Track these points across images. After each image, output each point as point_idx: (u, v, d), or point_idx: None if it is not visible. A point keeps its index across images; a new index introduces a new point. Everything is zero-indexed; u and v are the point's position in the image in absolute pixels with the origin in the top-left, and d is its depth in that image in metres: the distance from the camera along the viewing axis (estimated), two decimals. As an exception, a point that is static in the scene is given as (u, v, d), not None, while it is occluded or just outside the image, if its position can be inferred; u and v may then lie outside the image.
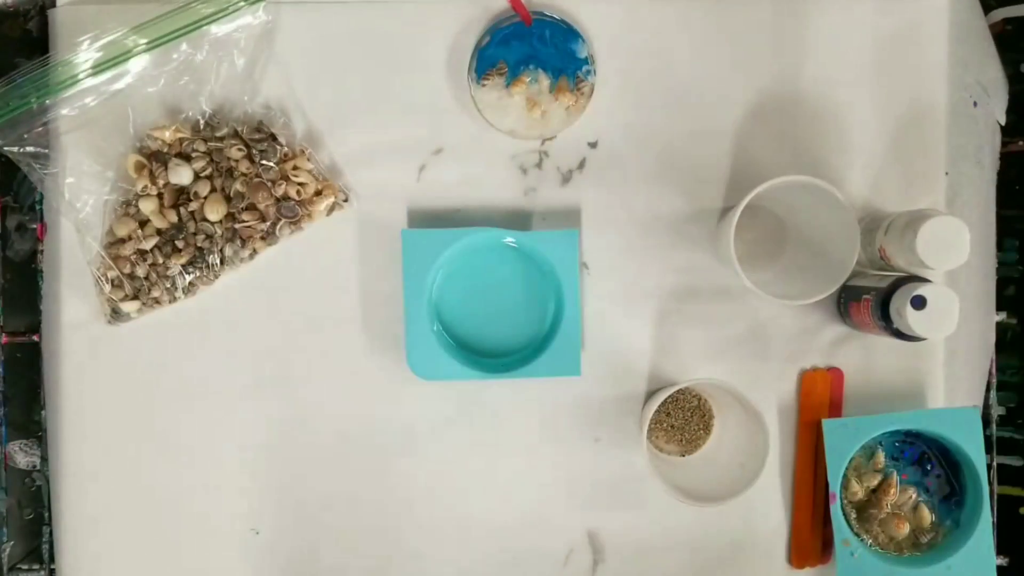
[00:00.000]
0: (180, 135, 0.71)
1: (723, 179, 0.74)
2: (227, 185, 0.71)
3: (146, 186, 0.70)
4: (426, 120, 0.74)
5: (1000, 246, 0.77)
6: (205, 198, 0.71)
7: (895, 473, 0.73)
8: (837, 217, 0.67)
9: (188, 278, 0.71)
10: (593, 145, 0.74)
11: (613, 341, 0.74)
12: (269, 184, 0.71)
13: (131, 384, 0.73)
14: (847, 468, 0.72)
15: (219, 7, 0.69)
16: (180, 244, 0.71)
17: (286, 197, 0.71)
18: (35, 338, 0.75)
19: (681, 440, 0.75)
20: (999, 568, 0.74)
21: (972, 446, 0.71)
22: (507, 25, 0.71)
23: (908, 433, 0.73)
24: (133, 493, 0.74)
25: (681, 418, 0.75)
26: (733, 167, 0.74)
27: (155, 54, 0.70)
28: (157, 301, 0.72)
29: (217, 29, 0.70)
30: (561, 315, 0.71)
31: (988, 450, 0.75)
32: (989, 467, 0.75)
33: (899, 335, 0.67)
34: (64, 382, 0.73)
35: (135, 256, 0.71)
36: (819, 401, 0.74)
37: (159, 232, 0.71)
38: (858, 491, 0.73)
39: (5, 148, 0.70)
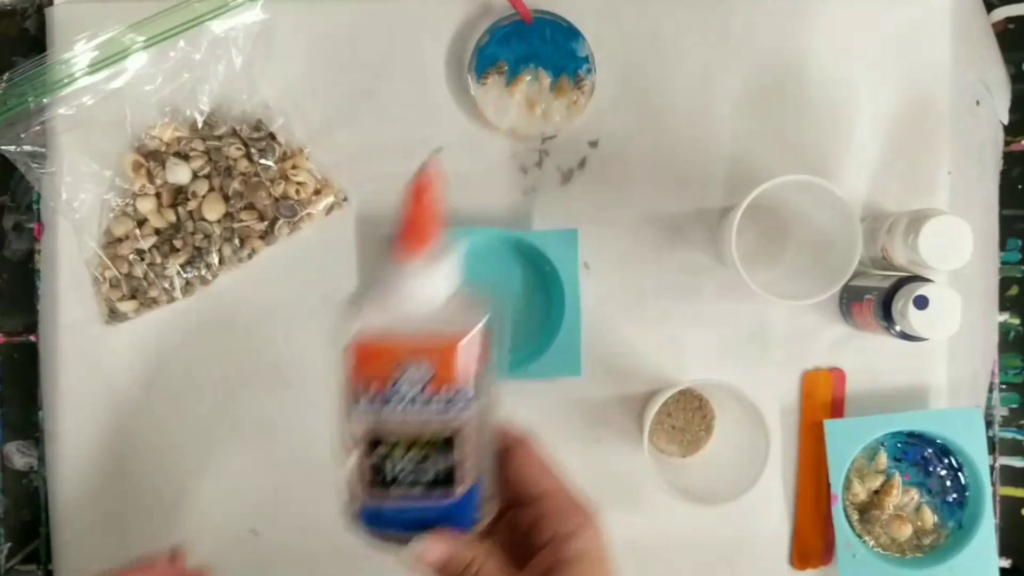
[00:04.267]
0: (178, 134, 0.71)
1: (724, 179, 0.74)
2: (225, 184, 0.71)
3: (144, 185, 0.70)
4: (426, 119, 0.73)
5: (1003, 246, 0.77)
6: (203, 197, 0.70)
7: (897, 474, 0.73)
8: (839, 217, 0.66)
9: (186, 278, 0.71)
10: (594, 144, 0.74)
11: (614, 341, 0.74)
12: (268, 183, 0.70)
13: (129, 384, 0.73)
14: (849, 469, 0.72)
15: (217, 4, 0.69)
16: (178, 244, 0.71)
17: (285, 196, 0.71)
18: (32, 338, 0.75)
19: (682, 441, 0.75)
20: (1001, 570, 0.74)
21: (975, 447, 0.71)
22: (507, 24, 0.71)
23: (910, 434, 0.73)
24: (131, 494, 0.73)
25: (683, 419, 0.75)
26: (734, 167, 0.74)
27: (153, 52, 0.69)
28: (155, 301, 0.71)
29: (215, 27, 0.69)
30: (561, 315, 0.71)
31: (991, 451, 0.75)
32: (992, 468, 0.75)
33: (901, 335, 0.67)
34: (61, 382, 0.73)
35: (133, 256, 0.71)
36: (821, 402, 0.74)
37: (157, 232, 0.71)
38: (860, 492, 0.73)
39: (2, 147, 0.70)
